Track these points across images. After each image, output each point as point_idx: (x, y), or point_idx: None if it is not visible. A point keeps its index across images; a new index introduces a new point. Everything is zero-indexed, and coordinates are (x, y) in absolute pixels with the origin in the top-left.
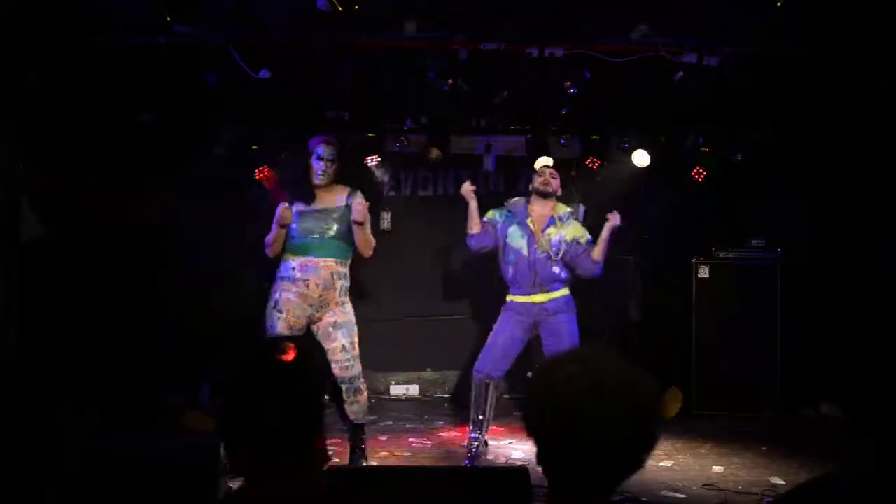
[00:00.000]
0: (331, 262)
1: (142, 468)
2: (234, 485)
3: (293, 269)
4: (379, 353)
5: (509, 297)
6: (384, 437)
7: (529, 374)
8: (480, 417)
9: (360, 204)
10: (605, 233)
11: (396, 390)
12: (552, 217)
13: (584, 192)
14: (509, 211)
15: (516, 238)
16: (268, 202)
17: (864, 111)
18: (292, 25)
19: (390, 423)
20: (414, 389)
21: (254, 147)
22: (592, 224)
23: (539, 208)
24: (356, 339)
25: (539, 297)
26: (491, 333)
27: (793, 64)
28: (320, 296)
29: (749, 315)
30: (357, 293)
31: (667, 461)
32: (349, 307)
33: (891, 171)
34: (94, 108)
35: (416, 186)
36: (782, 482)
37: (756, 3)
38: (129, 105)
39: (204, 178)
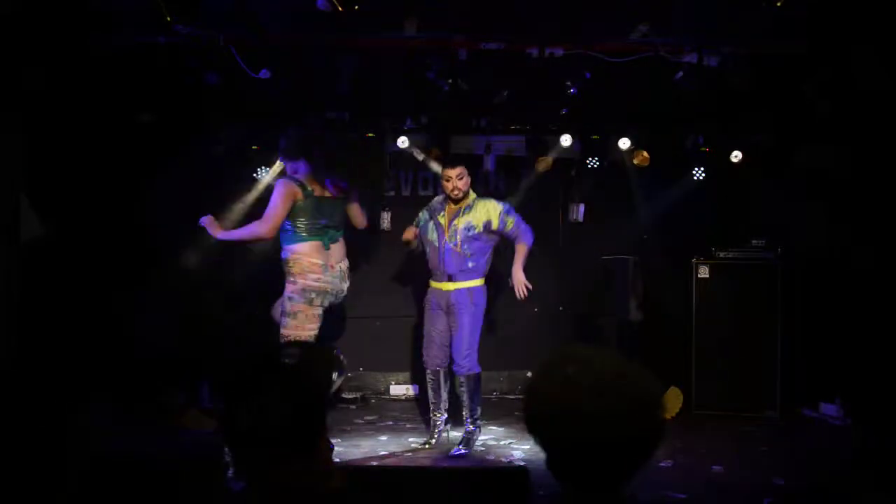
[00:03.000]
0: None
1: (142, 468)
2: (235, 485)
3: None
4: (379, 353)
5: (429, 285)
6: (384, 437)
7: (529, 374)
8: (438, 401)
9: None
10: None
11: (396, 390)
12: (460, 209)
13: (584, 191)
14: (429, 208)
15: (430, 232)
16: (267, 202)
17: (864, 111)
18: (292, 25)
19: (390, 423)
20: (414, 389)
21: (254, 147)
22: (593, 224)
23: (453, 205)
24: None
25: (447, 286)
26: (424, 327)
27: (793, 64)
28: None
29: (749, 315)
30: (357, 293)
31: (667, 461)
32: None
33: (891, 171)
34: (94, 108)
35: (417, 186)
36: (782, 482)
37: (756, 3)
38: (129, 105)
39: (204, 177)
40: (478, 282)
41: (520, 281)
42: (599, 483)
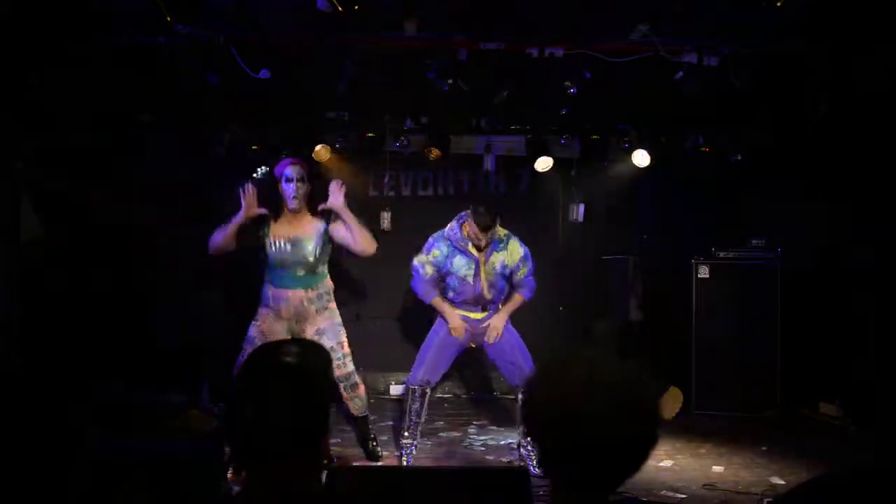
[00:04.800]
0: (300, 292)
1: (142, 468)
2: (235, 485)
3: (269, 296)
4: (379, 353)
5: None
6: (384, 437)
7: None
8: (417, 421)
9: (339, 211)
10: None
11: (396, 390)
12: (495, 241)
13: (584, 191)
14: (447, 240)
15: (462, 268)
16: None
17: (864, 111)
18: (292, 25)
19: (390, 423)
20: None
21: (254, 147)
22: (593, 224)
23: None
24: (344, 339)
25: (479, 315)
26: (424, 345)
27: (793, 64)
28: (293, 316)
29: (749, 315)
30: (357, 293)
31: (667, 461)
32: (331, 312)
33: (891, 171)
34: (94, 108)
35: (416, 186)
36: (782, 482)
37: (756, 3)
38: (129, 105)
39: (204, 177)
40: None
41: (497, 329)
42: (594, 484)
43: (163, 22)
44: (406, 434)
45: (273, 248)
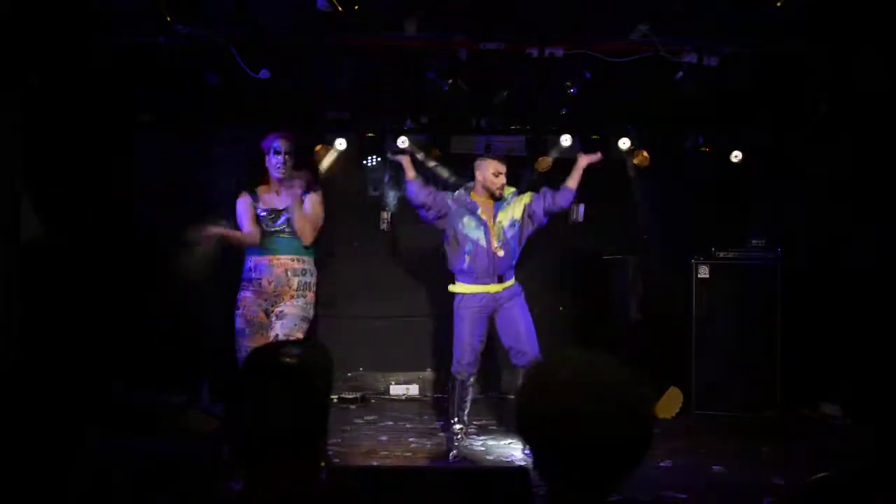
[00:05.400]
0: (284, 258)
1: (142, 468)
2: (235, 485)
3: (250, 269)
4: (379, 353)
5: (462, 289)
6: (384, 437)
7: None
8: (463, 410)
9: (310, 194)
10: (580, 163)
11: (396, 390)
12: (498, 203)
13: (584, 191)
14: (457, 200)
15: (471, 228)
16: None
17: (864, 111)
18: (292, 25)
19: (390, 423)
20: (414, 389)
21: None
22: (593, 224)
23: (484, 199)
24: (298, 334)
25: (494, 287)
26: (457, 334)
27: (793, 64)
28: (273, 291)
29: (749, 315)
30: (357, 293)
31: (667, 461)
32: (303, 301)
33: (891, 171)
34: (94, 108)
35: None
36: (782, 482)
37: (756, 3)
38: (129, 105)
39: (204, 177)
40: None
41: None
42: (589, 484)
43: (163, 22)
44: (455, 420)
45: (261, 213)
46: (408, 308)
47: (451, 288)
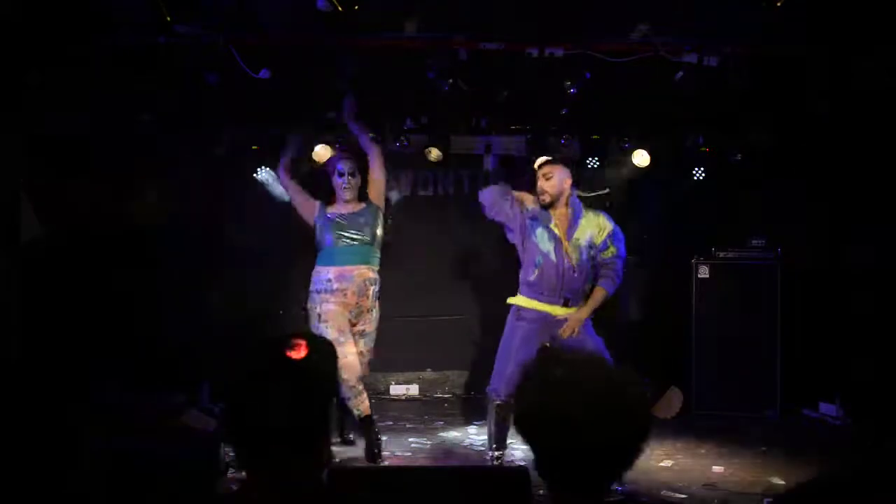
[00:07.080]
0: (363, 269)
1: (142, 468)
2: (235, 484)
3: (329, 279)
4: (379, 353)
5: (522, 302)
6: (384, 437)
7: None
8: (503, 435)
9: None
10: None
11: (396, 390)
12: (576, 212)
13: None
14: (530, 212)
15: (544, 241)
16: (268, 202)
17: (864, 111)
18: (292, 25)
19: (390, 423)
20: (414, 389)
21: (254, 147)
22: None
23: (561, 210)
24: (373, 345)
25: (560, 311)
26: (504, 350)
27: (793, 64)
28: (357, 303)
29: (749, 315)
30: None
31: (667, 461)
32: (377, 313)
33: (890, 171)
34: (94, 108)
35: (416, 186)
36: (782, 482)
37: (756, 3)
38: (129, 105)
39: (204, 178)
40: None
41: (574, 324)
42: (585, 484)
43: (163, 22)
44: (495, 446)
45: (329, 226)
46: (408, 308)
47: (511, 300)
